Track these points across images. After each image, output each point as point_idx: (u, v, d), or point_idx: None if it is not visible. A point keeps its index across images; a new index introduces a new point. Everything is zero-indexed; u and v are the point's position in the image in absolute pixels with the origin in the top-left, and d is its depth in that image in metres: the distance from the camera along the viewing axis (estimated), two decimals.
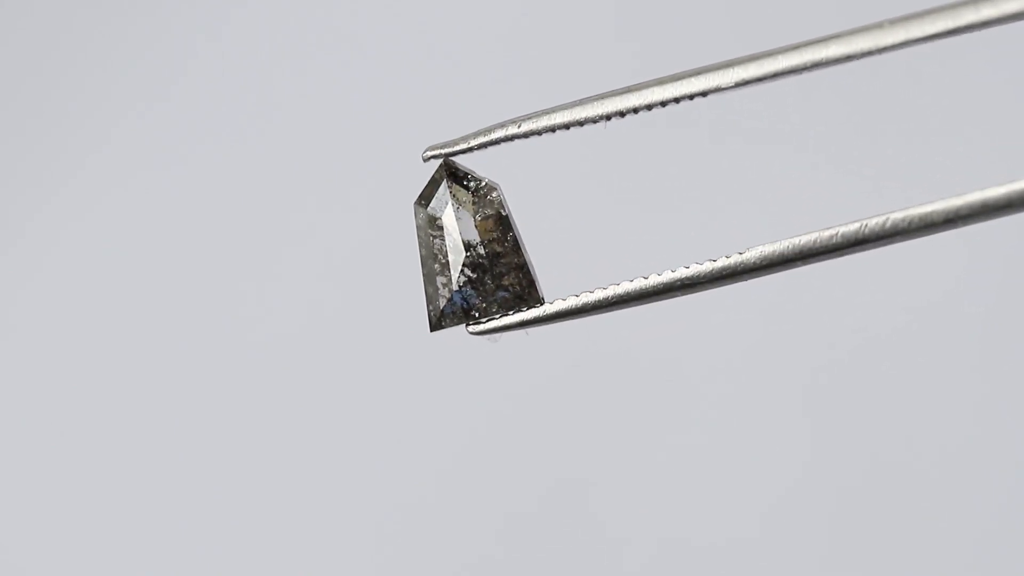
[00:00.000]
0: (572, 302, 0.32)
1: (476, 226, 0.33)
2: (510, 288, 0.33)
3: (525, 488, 0.77)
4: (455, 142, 0.33)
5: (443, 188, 0.33)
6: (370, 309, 0.78)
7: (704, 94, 0.32)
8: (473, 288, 0.33)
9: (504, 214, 0.33)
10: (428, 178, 0.33)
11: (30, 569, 0.78)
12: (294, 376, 0.79)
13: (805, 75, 0.32)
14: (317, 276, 0.80)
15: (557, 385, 0.77)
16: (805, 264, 0.32)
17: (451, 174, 0.33)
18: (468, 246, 0.33)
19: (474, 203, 0.33)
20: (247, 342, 0.79)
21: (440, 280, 0.33)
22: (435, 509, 0.77)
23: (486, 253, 0.33)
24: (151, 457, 0.79)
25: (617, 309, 0.32)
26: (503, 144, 0.33)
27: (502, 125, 0.33)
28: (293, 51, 0.82)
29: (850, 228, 0.31)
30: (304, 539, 0.77)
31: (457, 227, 0.33)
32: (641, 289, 0.32)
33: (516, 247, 0.33)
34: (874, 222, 0.31)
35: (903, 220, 0.31)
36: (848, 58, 0.32)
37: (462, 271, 0.33)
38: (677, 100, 0.32)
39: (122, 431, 0.79)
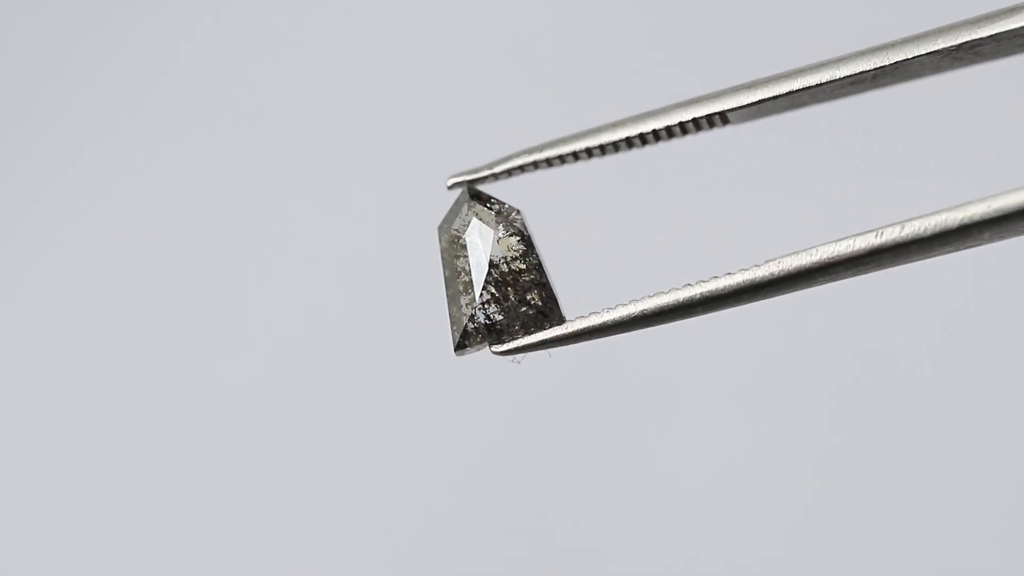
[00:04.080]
0: (593, 320, 0.33)
1: (498, 244, 0.33)
2: (533, 305, 0.33)
3: (528, 505, 0.77)
4: (478, 169, 0.33)
5: (466, 209, 0.33)
6: (379, 311, 0.79)
7: (723, 117, 0.33)
8: (496, 305, 0.33)
9: (526, 235, 0.33)
10: (448, 201, 0.34)
11: (30, 569, 0.78)
12: (299, 379, 0.79)
13: (823, 101, 0.33)
14: (328, 278, 0.80)
15: (561, 394, 0.77)
16: (826, 277, 0.32)
17: (474, 196, 0.33)
18: (491, 264, 0.33)
19: (497, 222, 0.33)
20: (255, 345, 0.79)
21: (463, 299, 0.33)
22: (440, 516, 0.77)
23: (509, 271, 0.33)
24: (160, 464, 0.79)
25: (639, 328, 0.33)
26: (526, 171, 0.33)
27: (525, 151, 0.33)
28: (301, 50, 0.82)
29: (868, 235, 0.31)
30: (305, 546, 0.77)
31: (480, 245, 0.33)
32: (661, 306, 0.32)
33: (538, 266, 0.33)
34: (890, 231, 0.31)
35: (920, 227, 0.31)
36: (862, 76, 0.32)
37: (485, 288, 0.33)
38: (696, 123, 0.33)
39: (128, 443, 0.79)
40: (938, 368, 0.75)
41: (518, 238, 0.33)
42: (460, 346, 0.33)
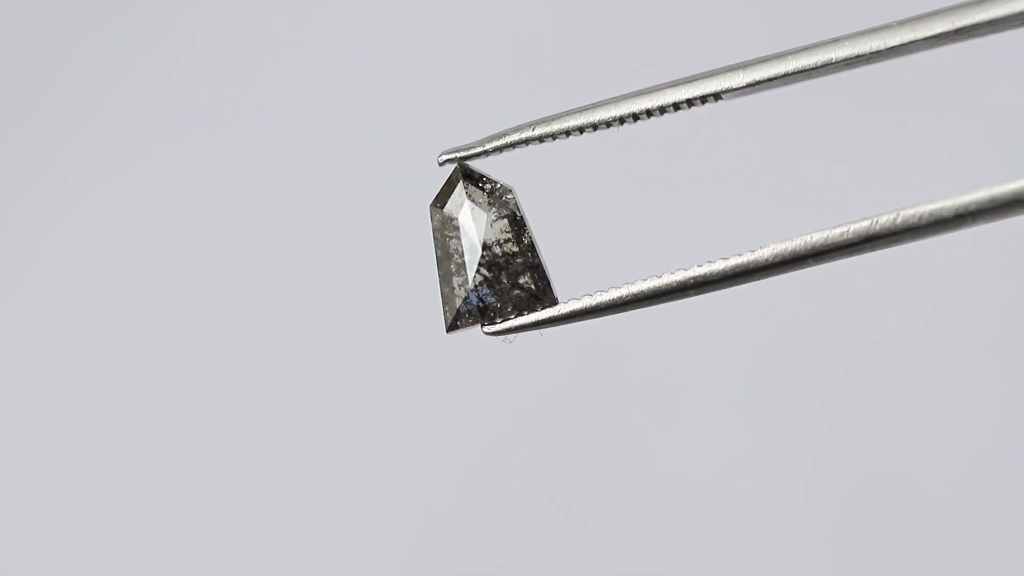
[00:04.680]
0: (586, 302, 0.33)
1: (491, 226, 0.33)
2: (525, 287, 0.33)
3: (530, 496, 0.77)
4: (470, 146, 0.33)
5: (459, 189, 0.33)
6: (379, 311, 0.79)
7: (716, 96, 0.33)
8: (488, 287, 0.33)
9: (519, 215, 0.33)
10: (441, 181, 0.34)
11: (30, 569, 0.78)
12: (299, 379, 0.79)
13: (817, 78, 0.33)
14: (328, 278, 0.80)
15: (563, 391, 0.77)
16: (818, 263, 0.32)
17: (466, 175, 0.33)
18: (484, 246, 0.33)
19: (489, 204, 0.33)
20: (255, 345, 0.79)
21: (456, 280, 0.33)
22: (442, 515, 0.77)
23: (501, 253, 0.33)
24: (160, 464, 0.79)
25: (631, 309, 0.33)
26: (517, 147, 0.33)
27: (517, 129, 0.33)
28: (301, 50, 0.82)
29: (861, 225, 0.32)
30: (305, 547, 0.77)
31: (473, 227, 0.33)
32: (654, 288, 0.32)
33: (531, 247, 0.33)
34: (885, 218, 0.31)
35: (914, 216, 0.31)
36: (858, 58, 0.32)
37: (478, 270, 0.33)
38: (690, 102, 0.33)
39: (129, 443, 0.79)
40: (939, 364, 0.75)
41: (511, 219, 0.33)
42: (452, 327, 0.33)
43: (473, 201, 0.33)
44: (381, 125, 0.81)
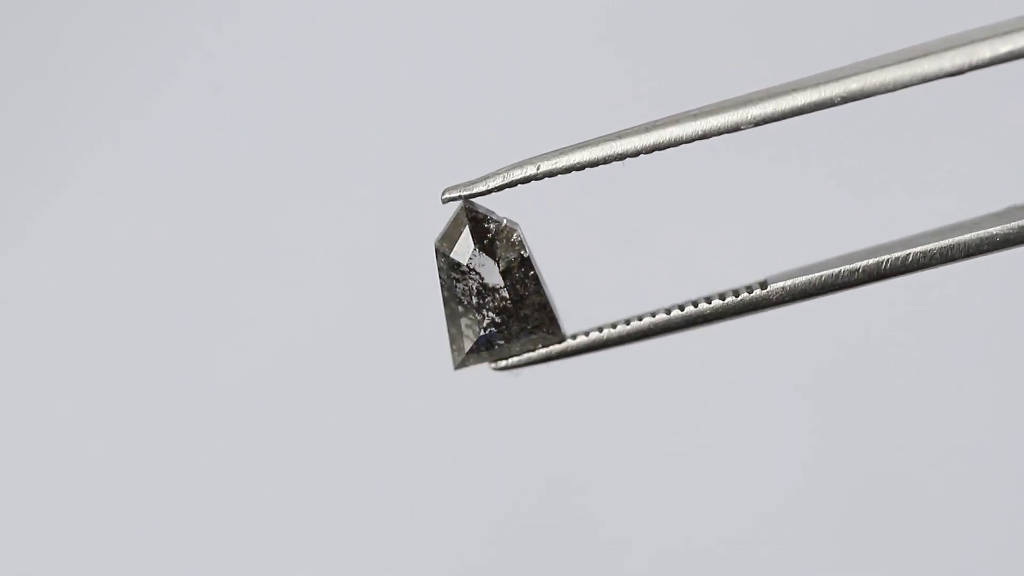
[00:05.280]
0: (595, 337, 0.33)
1: (498, 268, 0.33)
2: (533, 327, 0.33)
3: (523, 491, 0.77)
4: (473, 183, 0.33)
5: (465, 233, 0.33)
6: (379, 311, 0.79)
7: (720, 133, 0.33)
8: (496, 329, 0.33)
9: (526, 255, 0.33)
10: (444, 212, 0.33)
11: (30, 569, 0.78)
12: (299, 379, 0.79)
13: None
14: (328, 278, 0.80)
15: (555, 386, 0.77)
16: (825, 295, 0.32)
17: (471, 216, 0.33)
18: (491, 290, 0.33)
19: (496, 246, 0.33)
20: (255, 345, 0.79)
21: (463, 321, 0.33)
22: (433, 512, 0.77)
23: (509, 296, 0.33)
24: (160, 464, 0.79)
25: (638, 342, 0.33)
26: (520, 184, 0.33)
27: (520, 165, 0.33)
28: (301, 50, 0.82)
29: (870, 263, 0.32)
30: (305, 547, 0.77)
31: (480, 271, 0.33)
32: (662, 323, 0.32)
33: (538, 287, 0.33)
34: (896, 256, 0.31)
35: (924, 255, 0.31)
36: (866, 93, 0.32)
37: (485, 314, 0.33)
38: (691, 141, 0.33)
39: (129, 443, 0.79)
40: (938, 364, 0.75)
41: (517, 262, 0.33)
42: (461, 365, 0.33)
43: (479, 244, 0.33)
44: (381, 125, 0.81)
